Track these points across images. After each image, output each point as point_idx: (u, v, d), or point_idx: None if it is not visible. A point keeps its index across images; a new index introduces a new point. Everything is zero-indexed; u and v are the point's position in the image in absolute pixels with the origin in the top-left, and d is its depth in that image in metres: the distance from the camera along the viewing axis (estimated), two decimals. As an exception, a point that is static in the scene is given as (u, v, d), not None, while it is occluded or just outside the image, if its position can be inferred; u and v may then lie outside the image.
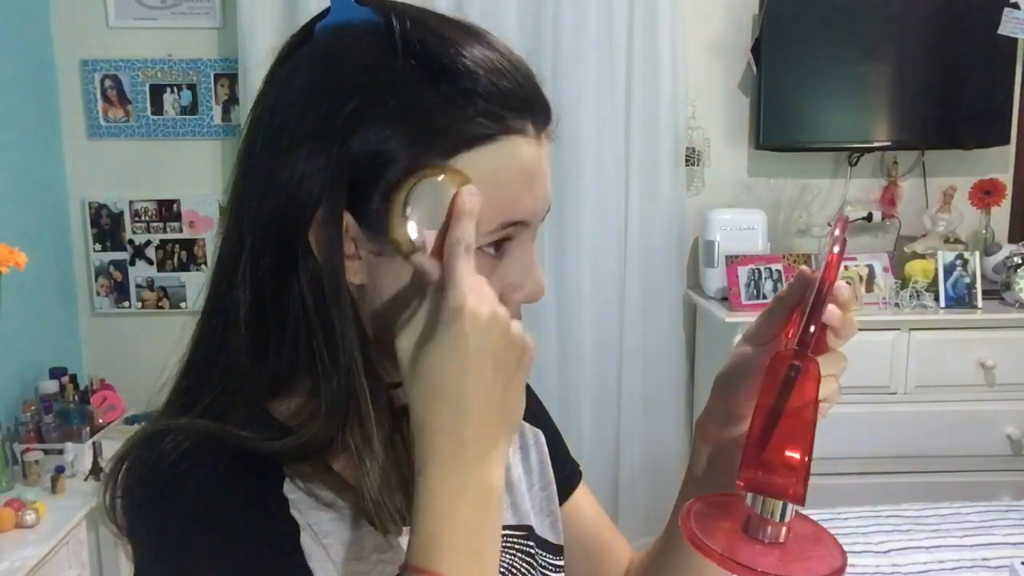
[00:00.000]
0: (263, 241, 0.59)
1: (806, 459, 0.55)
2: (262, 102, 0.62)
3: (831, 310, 0.57)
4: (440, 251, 0.55)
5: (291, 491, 0.60)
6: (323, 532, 0.60)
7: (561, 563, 0.76)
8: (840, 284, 0.58)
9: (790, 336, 0.61)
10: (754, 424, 0.57)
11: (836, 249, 0.57)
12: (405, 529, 0.62)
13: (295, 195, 0.57)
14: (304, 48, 0.62)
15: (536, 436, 0.82)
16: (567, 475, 0.83)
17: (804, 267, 0.64)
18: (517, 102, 0.58)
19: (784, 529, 0.56)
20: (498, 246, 0.60)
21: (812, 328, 0.55)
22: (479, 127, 0.57)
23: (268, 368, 0.60)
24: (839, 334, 0.58)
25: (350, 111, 0.56)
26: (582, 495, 0.85)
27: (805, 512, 0.59)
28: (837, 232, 0.60)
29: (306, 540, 0.59)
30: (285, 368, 0.61)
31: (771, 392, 0.55)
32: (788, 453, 0.55)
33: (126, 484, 0.59)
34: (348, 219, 0.58)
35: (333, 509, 0.61)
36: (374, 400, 0.59)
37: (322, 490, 0.61)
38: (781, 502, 0.56)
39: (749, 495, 0.57)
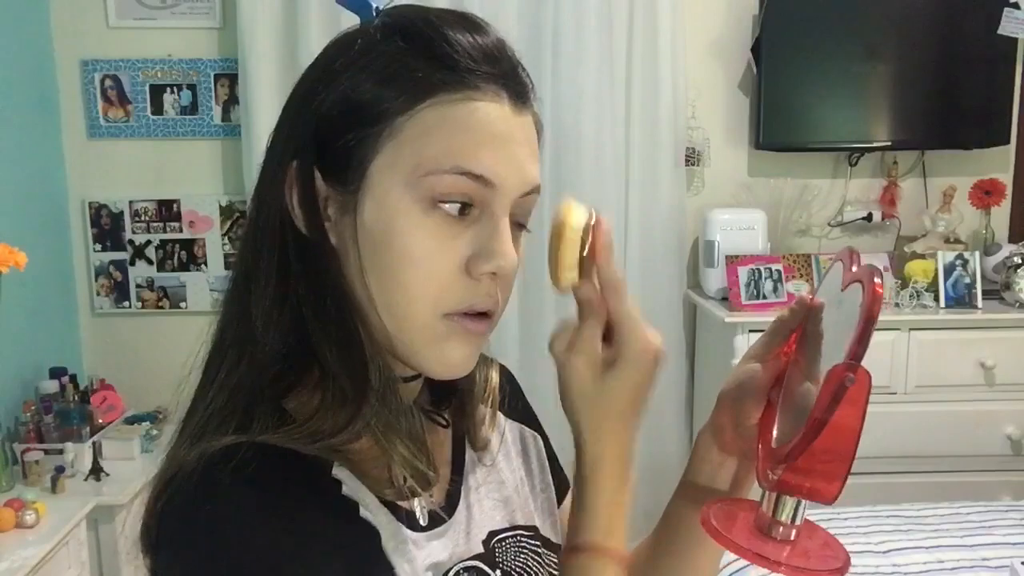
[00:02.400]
0: (266, 230, 0.61)
1: (848, 466, 0.60)
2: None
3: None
4: (584, 275, 0.63)
5: (353, 492, 0.60)
6: (385, 534, 0.61)
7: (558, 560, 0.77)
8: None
9: (789, 353, 0.68)
10: (764, 431, 0.65)
11: (878, 280, 0.59)
12: (428, 538, 0.64)
13: (277, 160, 0.61)
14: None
15: (536, 439, 0.83)
16: (560, 480, 0.84)
17: (803, 293, 0.71)
18: (493, 71, 0.60)
19: (794, 530, 0.62)
20: (463, 208, 0.59)
21: (863, 345, 0.58)
22: (430, 77, 0.58)
23: (285, 363, 0.61)
24: None
25: (324, 74, 0.60)
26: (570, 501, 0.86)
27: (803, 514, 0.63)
28: (855, 265, 0.63)
29: (385, 543, 0.60)
30: (299, 360, 0.61)
31: (825, 402, 0.58)
32: (827, 459, 0.60)
33: (176, 504, 0.56)
34: (316, 175, 0.60)
35: (381, 513, 0.62)
36: (386, 377, 0.61)
37: (368, 497, 0.61)
38: (795, 505, 0.62)
39: (765, 498, 0.62)
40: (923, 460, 2.52)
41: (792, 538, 0.62)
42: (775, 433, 0.66)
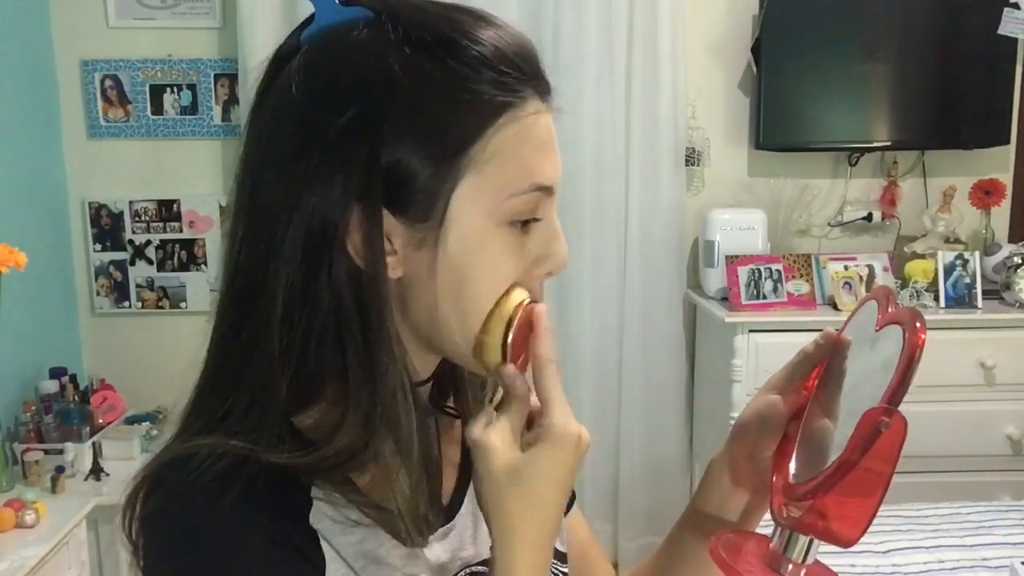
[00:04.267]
0: (293, 251, 0.57)
1: (874, 510, 0.58)
2: (261, 115, 0.61)
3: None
4: (516, 361, 0.60)
5: (318, 520, 0.59)
6: (352, 556, 0.59)
7: (566, 570, 0.77)
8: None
9: (810, 386, 0.67)
10: (782, 465, 0.63)
11: (919, 324, 0.58)
12: (431, 539, 0.63)
13: (325, 205, 0.57)
14: (296, 59, 0.60)
15: None
16: None
17: (830, 328, 0.68)
18: (524, 71, 0.59)
19: (804, 570, 0.61)
20: (524, 224, 0.60)
21: (904, 389, 0.58)
22: (494, 99, 0.58)
23: (295, 380, 0.59)
24: None
25: (360, 116, 0.56)
26: (575, 516, 0.85)
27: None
28: (892, 308, 0.63)
29: (335, 570, 0.58)
30: (312, 378, 0.60)
31: (857, 444, 0.57)
32: (853, 501, 0.58)
33: (153, 504, 0.57)
34: (384, 214, 0.58)
35: (360, 529, 0.60)
36: (409, 402, 0.59)
37: (349, 510, 0.60)
38: (807, 544, 0.60)
39: (777, 534, 0.61)
40: (923, 460, 2.51)
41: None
42: (792, 468, 0.65)
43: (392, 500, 0.59)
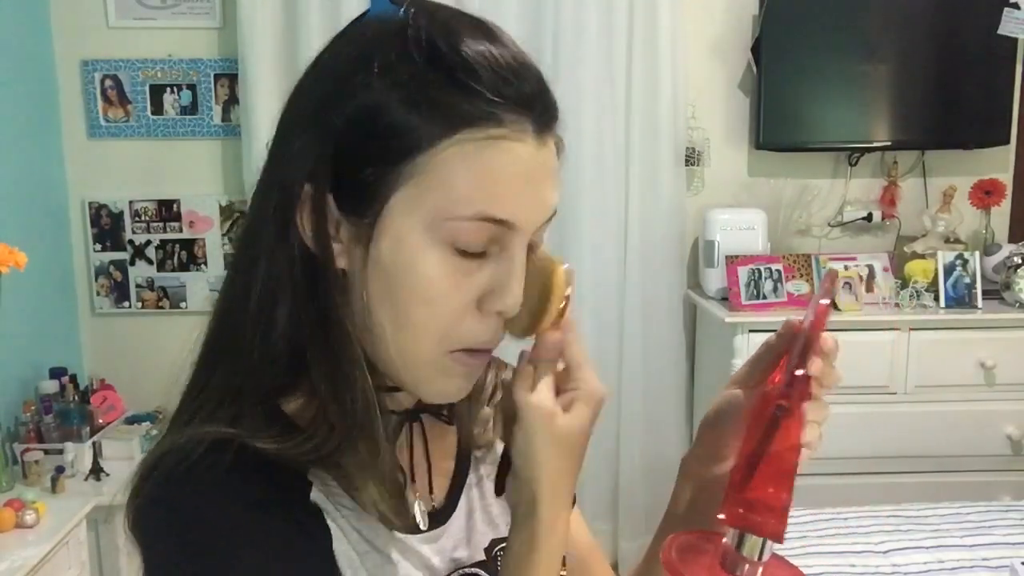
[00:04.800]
0: (266, 234, 0.59)
1: (786, 499, 0.57)
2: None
3: (816, 360, 0.58)
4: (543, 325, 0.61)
5: (320, 498, 0.60)
6: (355, 540, 0.60)
7: (564, 572, 0.77)
8: (826, 336, 0.60)
9: (776, 381, 0.64)
10: (738, 462, 0.60)
11: (825, 301, 0.59)
12: (419, 539, 0.64)
13: (287, 175, 0.58)
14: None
15: None
16: None
17: (791, 318, 0.66)
18: (517, 98, 0.56)
19: (760, 569, 0.58)
20: (476, 255, 0.58)
21: (799, 371, 0.57)
22: (455, 111, 0.55)
23: (277, 364, 0.60)
24: (823, 383, 0.60)
25: (339, 90, 0.57)
26: (576, 518, 0.85)
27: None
28: (825, 286, 0.62)
29: (341, 548, 0.59)
30: (293, 363, 0.60)
31: (757, 431, 0.57)
32: (769, 492, 0.57)
33: (149, 489, 0.58)
34: (329, 200, 0.58)
35: (359, 514, 0.61)
36: (371, 399, 0.59)
37: (344, 498, 0.61)
38: (761, 541, 0.58)
39: (729, 532, 0.59)
40: (923, 460, 2.52)
41: None
42: None
43: (363, 493, 0.60)
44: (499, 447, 0.75)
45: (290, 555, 0.56)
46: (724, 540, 0.59)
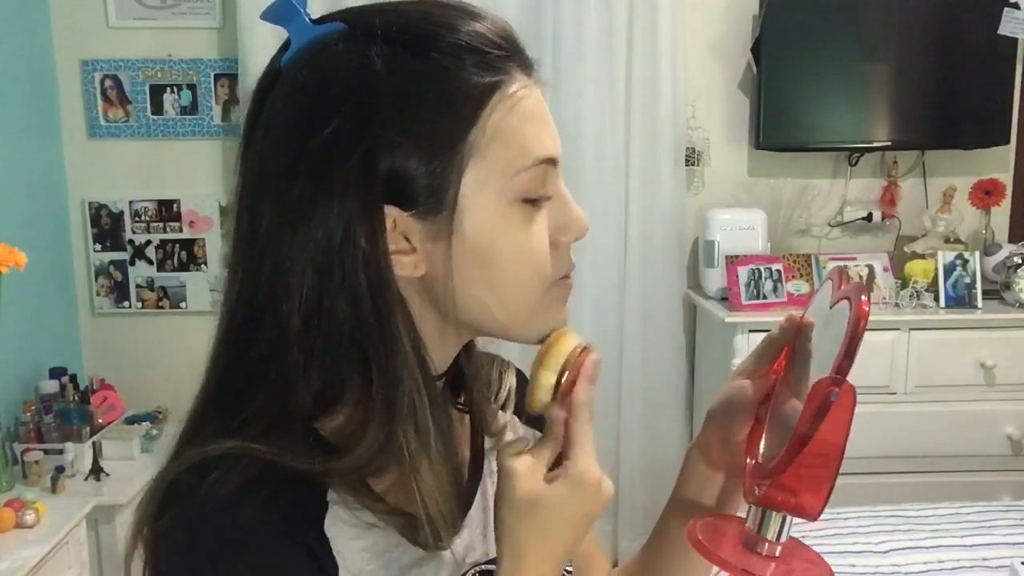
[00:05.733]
0: (303, 268, 0.58)
1: (832, 481, 0.59)
2: (253, 148, 0.61)
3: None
4: (558, 396, 0.62)
5: (332, 524, 0.59)
6: (361, 562, 0.59)
7: (570, 568, 0.77)
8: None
9: (779, 371, 0.69)
10: (754, 445, 0.64)
11: (864, 297, 0.60)
12: (455, 539, 0.64)
13: (329, 218, 0.57)
14: (279, 86, 0.60)
15: None
16: None
17: (793, 312, 0.69)
18: (505, 49, 0.60)
19: (780, 547, 0.62)
20: (535, 202, 0.61)
21: (850, 360, 0.59)
22: (481, 82, 0.58)
23: (315, 384, 0.60)
24: None
25: (351, 123, 0.56)
26: None
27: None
28: (844, 284, 0.64)
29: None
30: (331, 384, 0.60)
31: (809, 416, 0.58)
32: (812, 474, 0.59)
33: (176, 514, 0.57)
34: (396, 213, 0.58)
35: (374, 531, 0.60)
36: (428, 395, 0.60)
37: (363, 513, 0.60)
38: (781, 521, 0.61)
39: (751, 513, 0.62)
40: (923, 460, 2.52)
41: (777, 555, 0.62)
42: (762, 449, 0.66)
43: (416, 500, 0.59)
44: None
45: None
46: (746, 522, 0.62)
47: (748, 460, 0.66)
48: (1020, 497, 2.39)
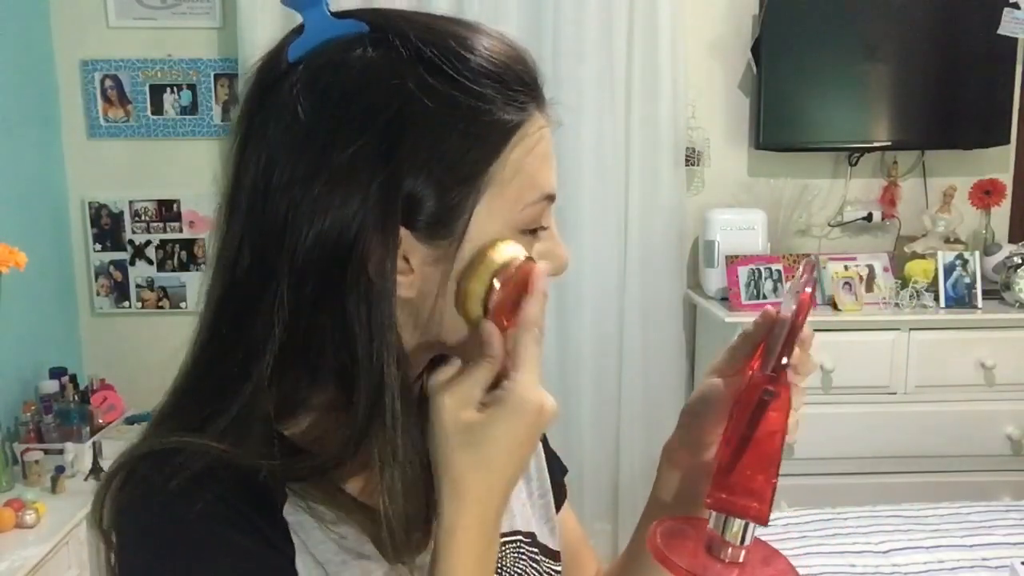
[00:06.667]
0: (303, 273, 0.57)
1: (773, 482, 0.57)
2: (260, 138, 0.60)
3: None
4: (500, 320, 0.59)
5: (292, 512, 0.59)
6: (321, 552, 0.60)
7: (559, 568, 0.77)
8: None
9: (755, 369, 0.64)
10: (723, 448, 0.60)
11: (808, 289, 0.60)
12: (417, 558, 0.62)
13: (341, 229, 0.56)
14: (295, 78, 0.58)
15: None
16: (557, 486, 0.83)
17: (768, 307, 0.67)
18: (530, 87, 0.61)
19: (743, 551, 0.60)
20: (534, 232, 0.62)
21: (785, 359, 0.58)
22: (509, 120, 0.59)
23: (285, 388, 0.60)
24: (799, 371, 0.62)
25: (379, 141, 0.56)
26: (566, 512, 0.85)
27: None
28: (805, 276, 0.63)
29: (303, 563, 0.58)
30: (297, 389, 0.61)
31: (743, 416, 0.57)
32: (755, 476, 0.57)
33: (126, 500, 0.58)
34: (404, 234, 0.58)
35: (336, 529, 0.60)
36: (406, 405, 0.59)
37: (327, 510, 0.60)
38: (744, 525, 0.58)
39: (713, 517, 0.60)
40: (923, 460, 2.52)
41: (740, 560, 0.59)
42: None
43: (381, 503, 0.58)
44: None
45: (254, 570, 0.57)
46: (708, 525, 0.60)
47: (716, 460, 0.64)
48: (1020, 497, 2.39)
